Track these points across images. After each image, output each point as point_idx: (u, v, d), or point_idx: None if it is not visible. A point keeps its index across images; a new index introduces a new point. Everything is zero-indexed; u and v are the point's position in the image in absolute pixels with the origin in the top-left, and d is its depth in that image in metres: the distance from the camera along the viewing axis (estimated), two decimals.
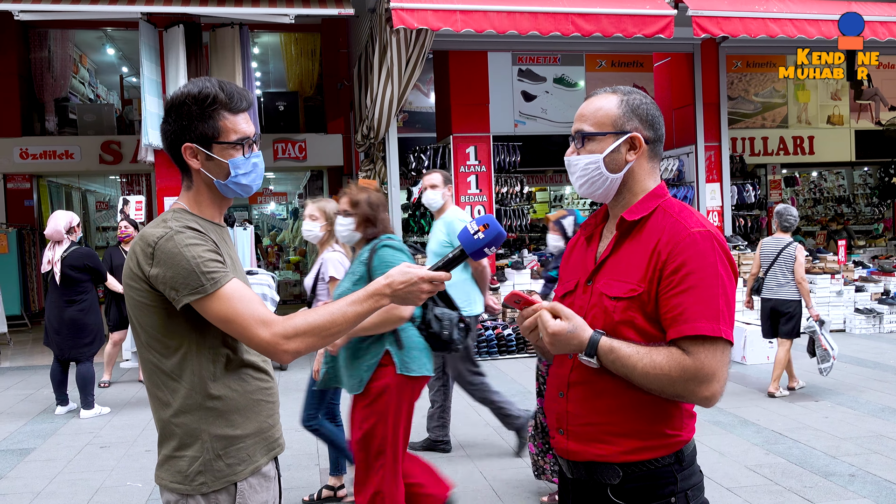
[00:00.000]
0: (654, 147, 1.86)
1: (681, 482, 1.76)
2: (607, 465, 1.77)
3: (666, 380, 1.66)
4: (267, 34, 15.27)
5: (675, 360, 1.66)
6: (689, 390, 1.67)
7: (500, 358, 8.79)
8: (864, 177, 17.07)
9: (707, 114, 10.85)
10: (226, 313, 1.74)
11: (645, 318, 1.73)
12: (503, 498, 4.42)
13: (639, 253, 1.77)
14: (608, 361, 1.71)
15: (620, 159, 1.81)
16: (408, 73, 9.21)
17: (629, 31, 8.46)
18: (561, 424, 1.85)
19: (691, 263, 1.69)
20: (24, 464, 5.33)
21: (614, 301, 1.76)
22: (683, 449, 1.78)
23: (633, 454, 1.75)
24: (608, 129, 1.81)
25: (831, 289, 10.09)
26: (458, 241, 1.86)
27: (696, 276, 1.68)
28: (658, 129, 1.85)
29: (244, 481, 1.85)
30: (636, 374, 1.68)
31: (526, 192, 11.54)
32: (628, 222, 1.81)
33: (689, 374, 1.65)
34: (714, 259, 1.70)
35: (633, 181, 1.84)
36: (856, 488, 4.43)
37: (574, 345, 1.72)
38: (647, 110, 1.83)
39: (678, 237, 1.72)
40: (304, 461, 5.17)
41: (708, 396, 1.67)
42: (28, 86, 14.18)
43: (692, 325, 1.66)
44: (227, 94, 1.83)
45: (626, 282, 1.76)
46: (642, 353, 1.68)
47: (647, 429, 1.75)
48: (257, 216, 22.26)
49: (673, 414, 1.77)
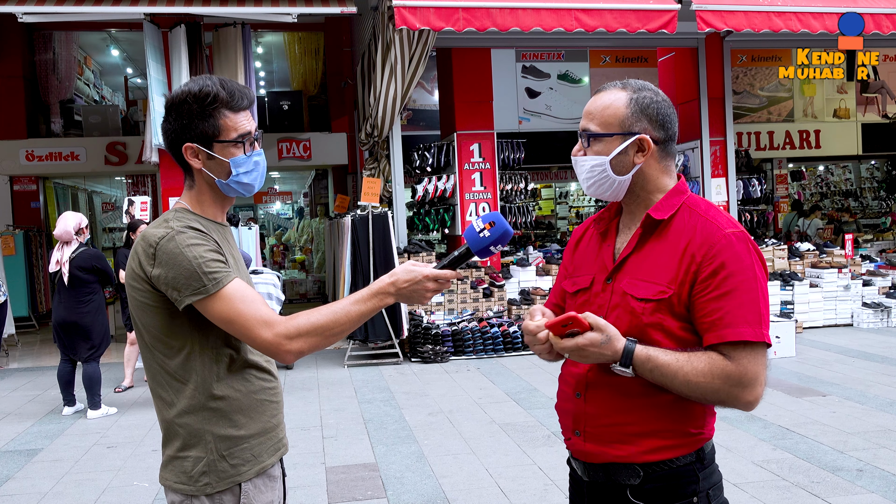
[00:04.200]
0: (666, 146, 1.78)
1: (702, 481, 1.73)
2: (627, 465, 1.73)
3: (709, 387, 1.63)
4: (270, 34, 15.28)
5: (717, 367, 1.63)
6: (733, 396, 1.64)
7: (505, 355, 8.79)
8: (871, 170, 17.00)
9: (712, 108, 10.81)
10: (228, 314, 1.73)
11: (674, 318, 1.69)
12: (509, 496, 4.41)
13: (667, 253, 1.72)
14: (645, 371, 1.66)
15: (628, 161, 1.75)
16: (411, 70, 9.21)
17: (633, 27, 8.44)
18: (578, 426, 1.80)
19: (730, 266, 1.64)
20: (32, 464, 5.36)
21: (642, 303, 1.71)
22: (704, 447, 1.75)
23: (654, 454, 1.71)
24: (615, 130, 1.74)
25: (838, 283, 10.05)
26: (464, 238, 1.83)
27: (736, 280, 1.64)
28: (669, 128, 1.77)
29: (249, 482, 1.85)
30: (677, 382, 1.64)
31: (530, 188, 11.52)
32: (654, 220, 1.75)
33: (733, 381, 1.62)
34: (751, 261, 1.66)
35: (644, 181, 1.78)
36: (864, 483, 4.41)
37: (608, 356, 1.66)
38: (658, 109, 1.75)
39: (713, 238, 1.67)
40: (309, 460, 5.17)
41: (751, 400, 1.65)
42: (33, 88, 14.24)
43: (735, 331, 1.62)
44: (228, 91, 1.81)
45: (654, 283, 1.71)
46: (682, 360, 1.64)
47: (670, 427, 1.71)
48: (263, 215, 22.31)
49: (696, 412, 1.74)
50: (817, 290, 10.00)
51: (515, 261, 10.30)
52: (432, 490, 4.52)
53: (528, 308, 9.35)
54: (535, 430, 5.70)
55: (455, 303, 9.39)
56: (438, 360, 8.55)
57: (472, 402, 6.69)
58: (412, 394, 7.08)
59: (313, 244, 16.28)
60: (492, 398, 6.77)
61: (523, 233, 13.16)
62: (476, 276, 9.67)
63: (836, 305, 10.06)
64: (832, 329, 9.89)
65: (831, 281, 10.04)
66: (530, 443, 5.37)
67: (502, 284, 9.68)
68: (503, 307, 9.55)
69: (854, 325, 10.05)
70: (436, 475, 4.78)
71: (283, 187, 21.17)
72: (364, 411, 6.47)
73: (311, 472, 4.92)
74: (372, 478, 4.78)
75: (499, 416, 6.16)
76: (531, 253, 10.74)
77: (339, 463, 5.09)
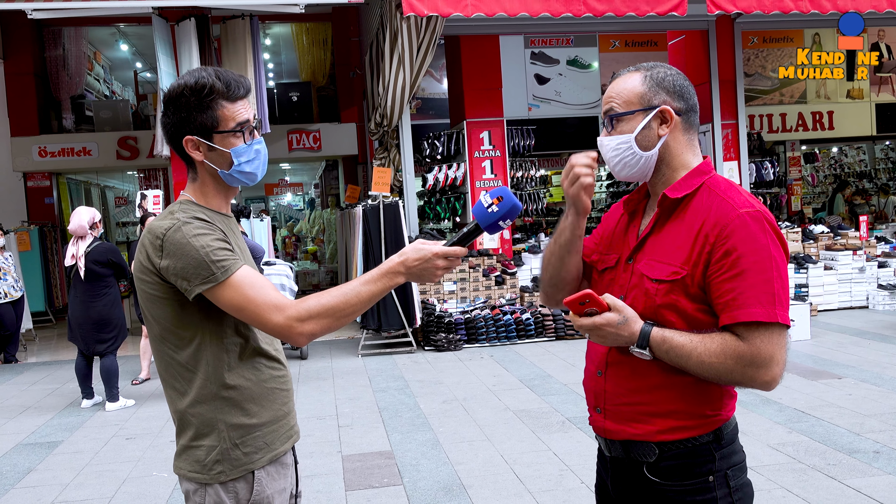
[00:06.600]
0: (688, 118, 1.79)
1: (719, 461, 1.73)
2: (644, 443, 1.75)
3: (722, 368, 1.63)
4: (278, 25, 15.27)
5: (730, 348, 1.62)
6: (747, 376, 1.63)
7: (518, 342, 8.79)
8: (885, 151, 16.80)
9: (723, 91, 10.72)
10: (238, 300, 1.74)
11: (688, 299, 1.70)
12: (525, 482, 4.43)
13: (683, 234, 1.72)
14: (661, 352, 1.68)
15: (653, 135, 1.76)
16: (419, 59, 9.18)
17: (642, 10, 8.37)
18: (598, 403, 1.84)
19: (742, 246, 1.63)
20: (53, 456, 5.43)
21: (656, 284, 1.72)
22: (723, 427, 1.75)
23: (670, 433, 1.73)
24: (636, 107, 1.76)
25: (853, 265, 9.98)
26: (473, 215, 1.83)
27: (749, 260, 1.62)
28: (689, 99, 1.79)
29: (262, 469, 1.86)
30: (691, 363, 1.65)
31: (541, 175, 11.48)
32: (670, 199, 1.76)
33: (745, 361, 1.62)
34: (766, 241, 1.64)
35: (670, 156, 1.78)
36: (881, 465, 4.39)
37: (625, 337, 1.69)
38: (674, 81, 1.77)
39: (726, 218, 1.66)
40: (325, 448, 5.21)
41: (768, 381, 1.64)
42: (44, 84, 14.32)
43: (746, 311, 1.61)
44: (224, 82, 1.81)
45: (668, 264, 1.72)
46: (696, 341, 1.65)
47: (686, 409, 1.72)
48: (274, 207, 22.37)
49: (713, 394, 1.73)
50: (832, 273, 9.93)
51: (527, 248, 10.29)
52: (448, 477, 4.55)
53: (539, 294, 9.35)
54: (550, 416, 5.71)
55: (468, 291, 9.40)
56: (452, 349, 8.56)
57: (486, 389, 6.70)
58: (426, 382, 7.10)
59: (325, 235, 16.32)
60: (506, 385, 6.79)
61: (535, 220, 13.13)
62: (488, 264, 9.67)
63: (851, 288, 9.98)
64: (847, 311, 9.83)
65: (846, 263, 9.97)
66: (545, 429, 5.39)
67: (514, 272, 9.68)
68: (515, 294, 9.55)
69: (869, 307, 9.97)
70: (451, 462, 4.80)
71: (293, 178, 21.21)
72: (379, 400, 6.50)
73: (327, 461, 4.96)
74: (388, 465, 4.81)
75: (513, 402, 6.17)
76: (543, 240, 10.72)
77: (356, 451, 5.13)
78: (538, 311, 8.98)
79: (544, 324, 8.88)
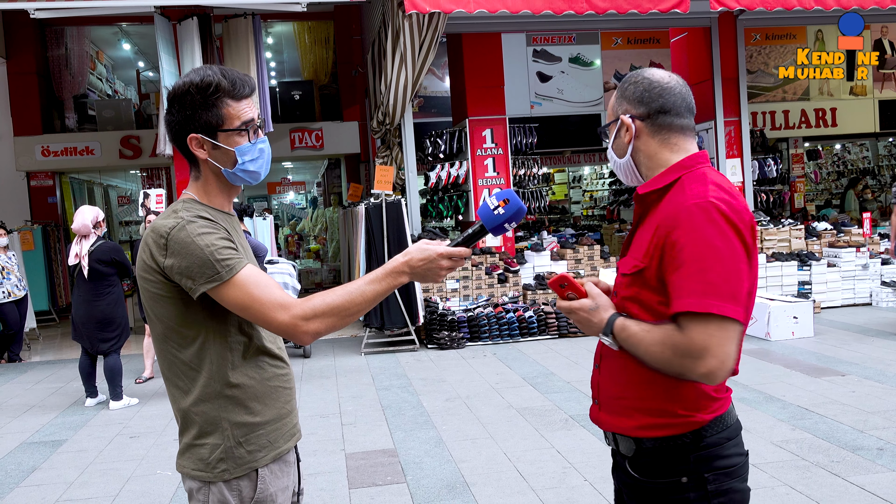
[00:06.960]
0: (655, 119, 1.81)
1: (695, 463, 1.73)
2: (625, 437, 1.82)
3: (662, 357, 1.66)
4: (280, 23, 15.28)
5: (669, 337, 1.65)
6: (685, 367, 1.64)
7: (521, 340, 8.79)
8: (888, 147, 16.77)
9: (726, 88, 10.69)
10: (243, 299, 1.74)
11: (651, 292, 1.73)
12: (528, 479, 4.43)
13: (649, 228, 1.78)
14: (622, 339, 1.74)
15: (623, 144, 1.87)
16: (421, 57, 9.17)
17: (644, 7, 8.36)
18: (595, 395, 1.93)
19: (684, 237, 1.65)
20: (57, 455, 5.44)
21: (622, 277, 1.82)
22: (702, 430, 1.74)
23: (645, 430, 1.77)
24: (610, 120, 1.91)
25: (857, 262, 9.96)
26: (479, 216, 1.85)
27: (687, 251, 1.63)
28: (652, 102, 1.80)
29: (265, 467, 1.87)
30: (640, 351, 1.70)
31: (543, 173, 11.47)
32: (640, 196, 1.85)
33: (680, 351, 1.62)
34: (709, 231, 1.62)
35: (645, 158, 1.85)
36: (884, 462, 4.38)
37: (595, 323, 1.77)
38: (636, 88, 1.83)
39: (676, 210, 1.69)
40: (329, 446, 5.22)
41: (705, 373, 1.62)
42: (47, 84, 14.34)
43: (680, 302, 1.63)
44: (230, 80, 1.81)
45: (633, 258, 1.79)
46: (645, 330, 1.70)
47: (659, 406, 1.76)
48: (276, 206, 22.38)
49: (685, 393, 1.74)
50: (835, 270, 9.92)
51: (530, 246, 10.28)
52: (451, 474, 4.55)
53: (542, 291, 9.36)
54: (553, 413, 5.72)
55: (470, 289, 9.40)
56: (455, 347, 8.57)
57: (489, 387, 6.71)
58: (429, 380, 7.11)
59: (327, 233, 16.33)
60: (509, 383, 6.79)
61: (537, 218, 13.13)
62: (491, 262, 9.67)
63: (854, 285, 9.97)
64: (851, 308, 9.81)
65: (849, 260, 9.95)
66: (548, 427, 5.39)
67: (517, 270, 9.68)
68: (518, 292, 9.55)
69: (873, 304, 9.96)
70: (454, 460, 4.80)
71: (296, 177, 21.22)
72: (382, 398, 6.51)
73: (330, 459, 4.97)
74: (391, 463, 4.82)
75: (516, 400, 6.18)
76: (545, 238, 10.71)
77: (359, 449, 5.14)
78: (541, 309, 8.98)
79: (547, 322, 8.88)
